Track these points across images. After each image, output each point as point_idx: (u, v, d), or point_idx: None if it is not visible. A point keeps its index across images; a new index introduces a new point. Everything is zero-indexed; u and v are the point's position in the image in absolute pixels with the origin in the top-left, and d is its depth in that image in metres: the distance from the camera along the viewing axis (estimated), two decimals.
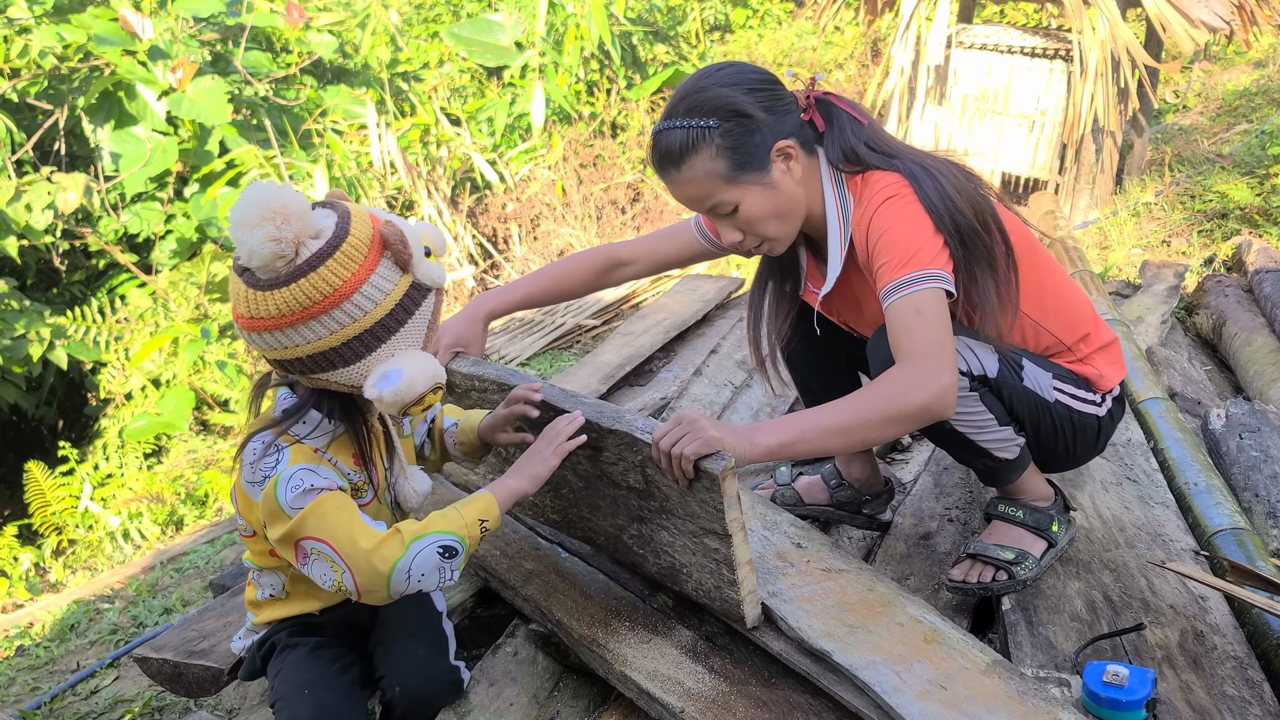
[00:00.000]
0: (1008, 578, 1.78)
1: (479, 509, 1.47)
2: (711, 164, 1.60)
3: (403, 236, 1.35)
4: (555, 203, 8.31)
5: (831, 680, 1.46)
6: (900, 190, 1.61)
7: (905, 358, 1.50)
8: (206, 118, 7.37)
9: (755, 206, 1.64)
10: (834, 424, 1.47)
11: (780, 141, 1.62)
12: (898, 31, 6.48)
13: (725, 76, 1.61)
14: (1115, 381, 1.84)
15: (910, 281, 1.53)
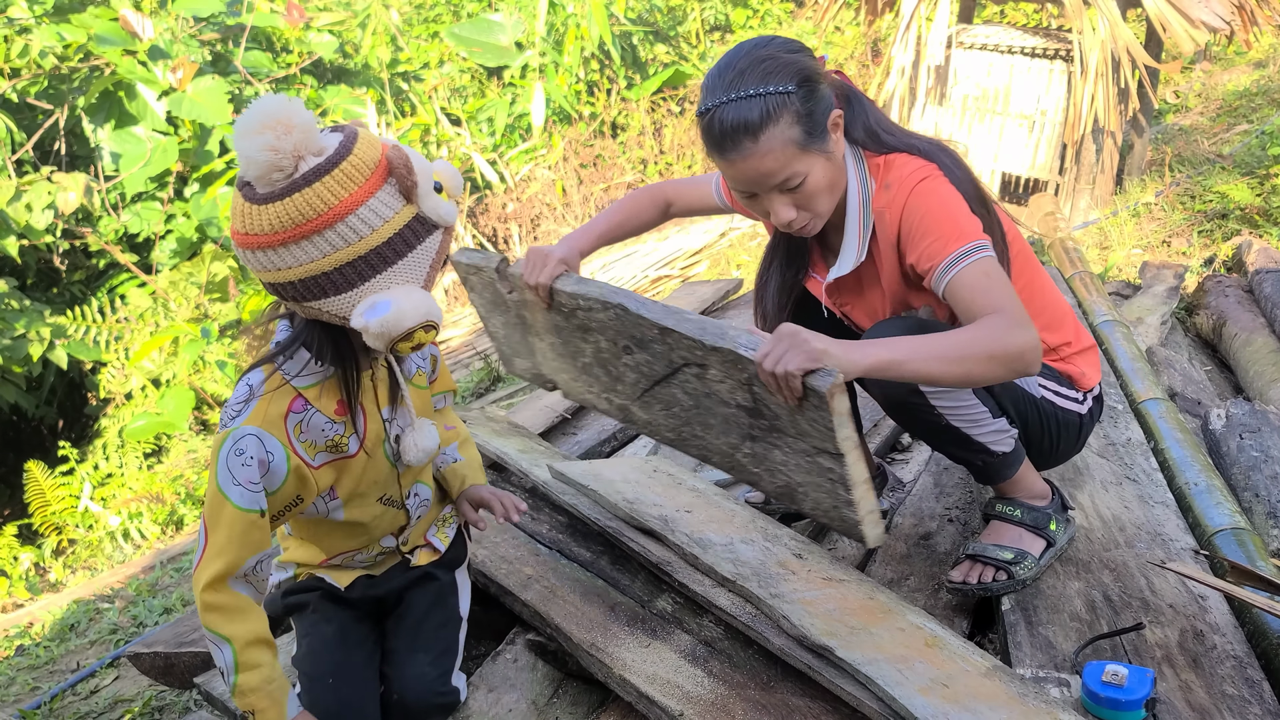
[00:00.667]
0: (1007, 578, 1.78)
1: (253, 703, 1.37)
2: (790, 131, 1.54)
3: (409, 163, 1.30)
4: (555, 203, 8.31)
5: (833, 674, 1.46)
6: (931, 171, 1.61)
7: (989, 310, 1.48)
8: (207, 117, 7.38)
9: (820, 177, 1.61)
10: (943, 351, 1.43)
11: (834, 111, 1.60)
12: (898, 32, 6.48)
13: (781, 45, 1.58)
14: (1095, 381, 1.87)
15: (968, 252, 1.53)
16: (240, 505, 1.32)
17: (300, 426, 1.40)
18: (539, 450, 2.34)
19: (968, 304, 1.51)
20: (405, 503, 1.62)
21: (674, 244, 6.70)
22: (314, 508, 1.49)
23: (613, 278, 6.10)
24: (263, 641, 1.37)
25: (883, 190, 1.64)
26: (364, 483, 1.51)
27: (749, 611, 1.62)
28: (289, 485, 1.40)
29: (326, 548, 1.62)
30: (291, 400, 1.39)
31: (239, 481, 1.32)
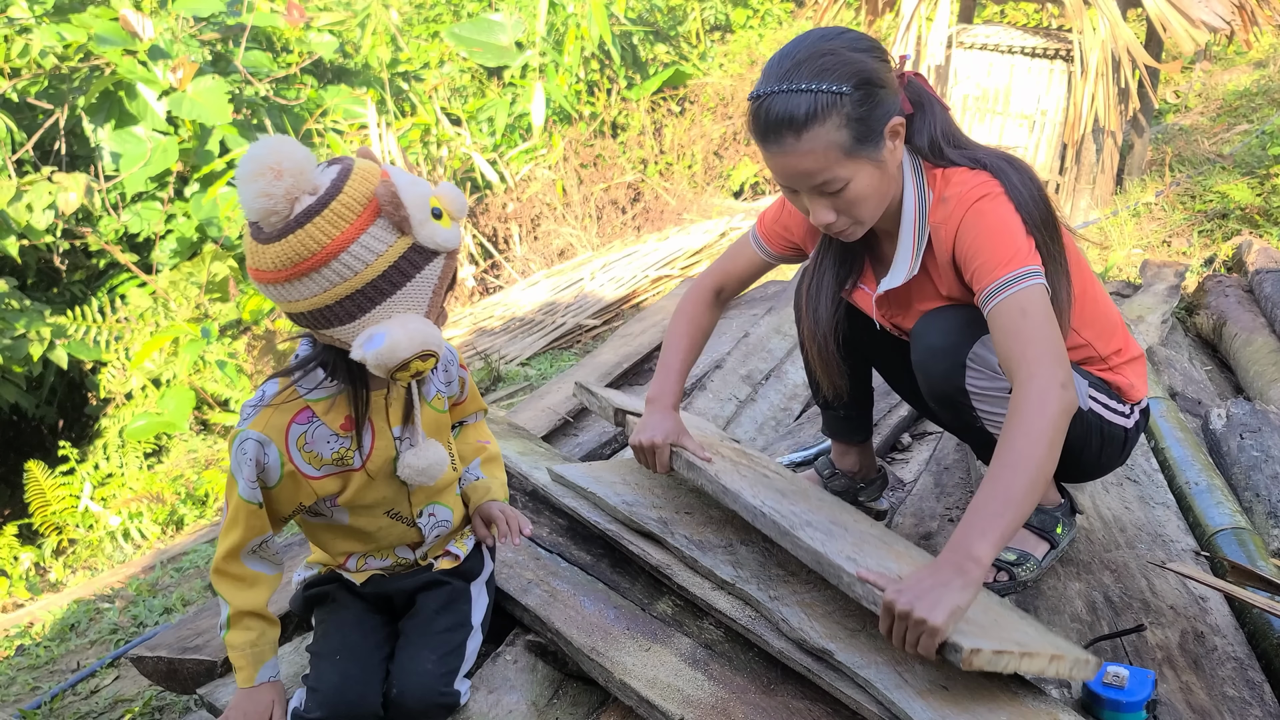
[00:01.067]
0: (1008, 578, 1.78)
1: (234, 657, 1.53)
2: (836, 134, 1.48)
3: (396, 199, 1.33)
4: (555, 203, 8.31)
5: (833, 677, 1.46)
6: (992, 188, 1.56)
7: (1017, 369, 1.45)
8: (207, 117, 7.38)
9: (864, 185, 1.55)
10: (1021, 485, 1.37)
11: (895, 118, 1.54)
12: (898, 31, 6.48)
13: (849, 41, 1.51)
14: (1143, 394, 1.81)
15: (1012, 281, 1.49)
16: (243, 496, 1.47)
17: (304, 437, 1.47)
18: (539, 452, 2.34)
19: (1001, 343, 1.49)
20: (417, 521, 1.64)
21: (674, 244, 6.70)
22: (320, 511, 1.56)
23: (613, 277, 6.10)
24: (257, 613, 1.52)
25: (940, 204, 1.60)
26: (367, 496, 1.55)
27: (749, 614, 1.62)
28: (283, 488, 1.49)
29: (335, 550, 1.65)
30: (298, 412, 1.46)
31: (243, 476, 1.46)
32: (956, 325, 1.64)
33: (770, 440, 2.71)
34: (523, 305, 6.14)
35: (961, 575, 1.31)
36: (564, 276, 6.62)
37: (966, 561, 1.32)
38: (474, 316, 6.34)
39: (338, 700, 1.52)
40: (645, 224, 8.25)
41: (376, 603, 1.69)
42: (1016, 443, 1.38)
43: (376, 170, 1.36)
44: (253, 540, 1.50)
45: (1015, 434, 1.39)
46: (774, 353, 3.21)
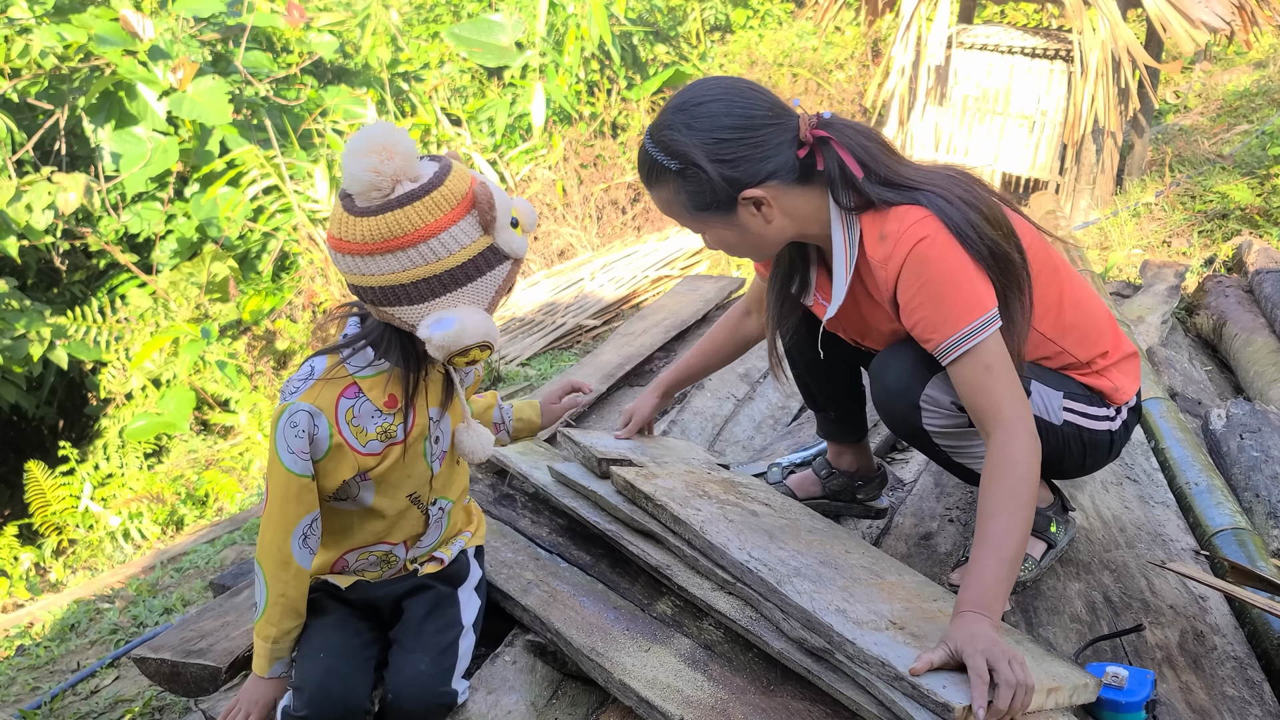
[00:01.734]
0: None
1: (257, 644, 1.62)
2: (675, 197, 1.60)
3: (491, 200, 1.44)
4: (556, 203, 8.31)
5: (833, 678, 1.46)
6: (930, 230, 1.53)
7: (991, 427, 1.51)
8: (207, 118, 7.38)
9: (720, 239, 1.65)
10: (1011, 545, 1.44)
11: (749, 190, 1.56)
12: (898, 32, 6.48)
13: (699, 117, 1.55)
14: (1131, 394, 1.80)
15: (970, 334, 1.51)
16: (293, 470, 1.51)
17: (352, 411, 1.54)
18: (539, 452, 2.33)
19: (967, 397, 1.54)
20: (428, 508, 1.68)
21: (674, 244, 6.70)
22: (348, 492, 1.60)
23: (613, 277, 6.10)
24: (293, 606, 1.58)
25: (879, 241, 1.58)
26: (399, 473, 1.61)
27: (749, 615, 1.62)
28: (329, 460, 1.54)
29: (341, 544, 1.66)
30: (345, 387, 1.53)
31: (292, 450, 1.50)
32: (908, 366, 1.66)
33: (769, 440, 2.71)
34: (523, 305, 6.14)
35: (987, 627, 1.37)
36: (564, 277, 6.62)
37: (979, 627, 1.36)
38: None
39: (323, 696, 1.53)
40: (645, 224, 8.25)
41: (362, 609, 1.71)
42: (1003, 507, 1.45)
43: (469, 172, 1.48)
44: (304, 519, 1.54)
45: (1001, 498, 1.46)
46: None
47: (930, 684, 1.32)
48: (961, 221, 1.54)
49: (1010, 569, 1.42)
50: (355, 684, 1.57)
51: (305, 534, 1.55)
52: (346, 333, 1.57)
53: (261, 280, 7.75)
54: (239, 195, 7.50)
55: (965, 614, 1.38)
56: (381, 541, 1.68)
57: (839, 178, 1.59)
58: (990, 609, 1.39)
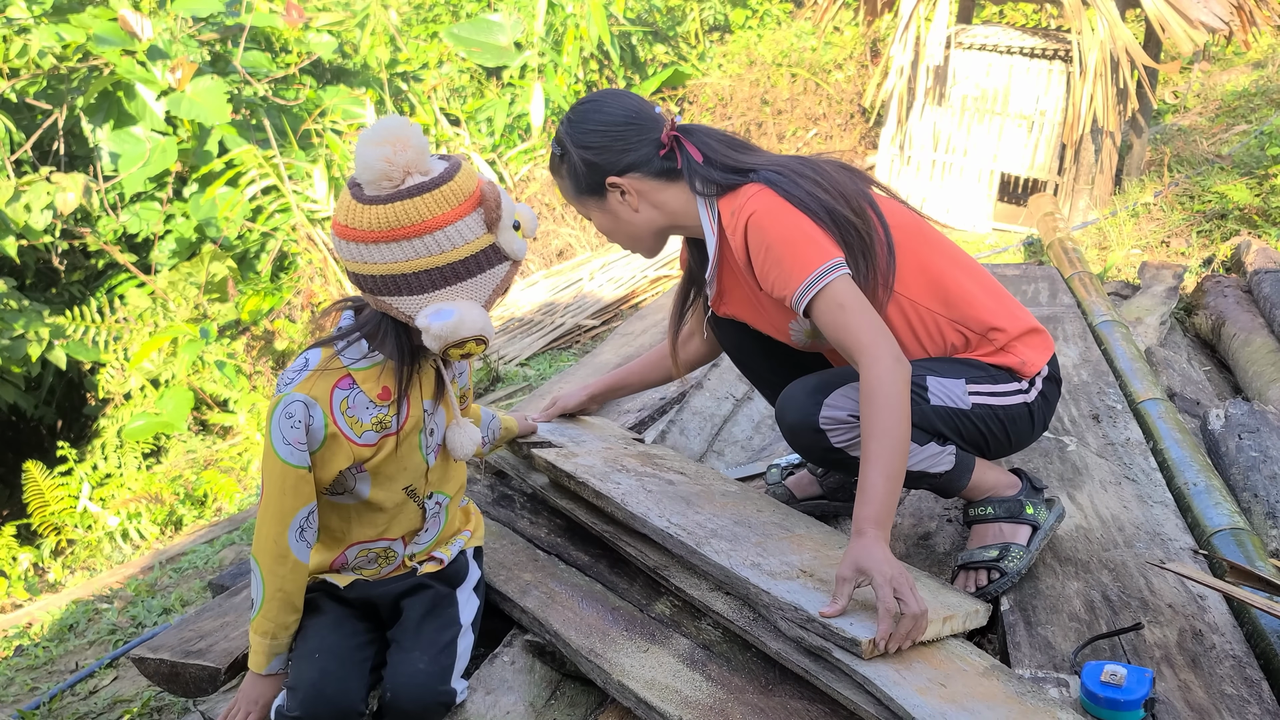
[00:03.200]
0: (999, 575, 1.77)
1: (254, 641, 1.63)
2: (563, 181, 1.87)
3: (499, 199, 1.50)
4: (554, 203, 8.31)
5: (831, 678, 1.46)
6: (763, 199, 1.71)
7: (857, 357, 1.61)
8: (206, 118, 7.37)
9: (600, 224, 1.88)
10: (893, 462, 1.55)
11: (612, 177, 1.80)
12: (897, 32, 6.49)
13: (581, 115, 1.82)
14: (1041, 364, 1.84)
15: (816, 280, 1.63)
16: (289, 462, 1.52)
17: (346, 402, 1.56)
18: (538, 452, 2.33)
19: (833, 340, 1.64)
20: (424, 502, 1.69)
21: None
22: (344, 484, 1.61)
23: (612, 277, 6.10)
24: (289, 601, 1.59)
25: (730, 216, 1.76)
26: (395, 465, 1.62)
27: (747, 615, 1.62)
28: (325, 451, 1.55)
29: (339, 539, 1.67)
30: (340, 378, 1.56)
31: (288, 441, 1.51)
32: (799, 397, 1.74)
33: (768, 440, 2.71)
34: (521, 305, 6.14)
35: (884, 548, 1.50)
36: (563, 277, 6.62)
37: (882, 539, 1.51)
38: None
39: (316, 697, 1.53)
40: None
41: (361, 609, 1.71)
42: (878, 427, 1.56)
43: (477, 173, 1.52)
44: (301, 511, 1.55)
45: (879, 418, 1.56)
46: None
47: (839, 623, 1.46)
48: (795, 190, 1.71)
49: (894, 484, 1.55)
50: (350, 685, 1.56)
51: (302, 526, 1.56)
52: (341, 325, 1.59)
53: (260, 280, 7.74)
54: (238, 195, 7.50)
55: (865, 533, 1.51)
56: (380, 537, 1.68)
57: (692, 169, 1.80)
58: (883, 524, 1.52)
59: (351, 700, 1.55)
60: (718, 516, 1.85)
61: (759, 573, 1.62)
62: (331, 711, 1.53)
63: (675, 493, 1.94)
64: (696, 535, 1.74)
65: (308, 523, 1.57)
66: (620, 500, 1.85)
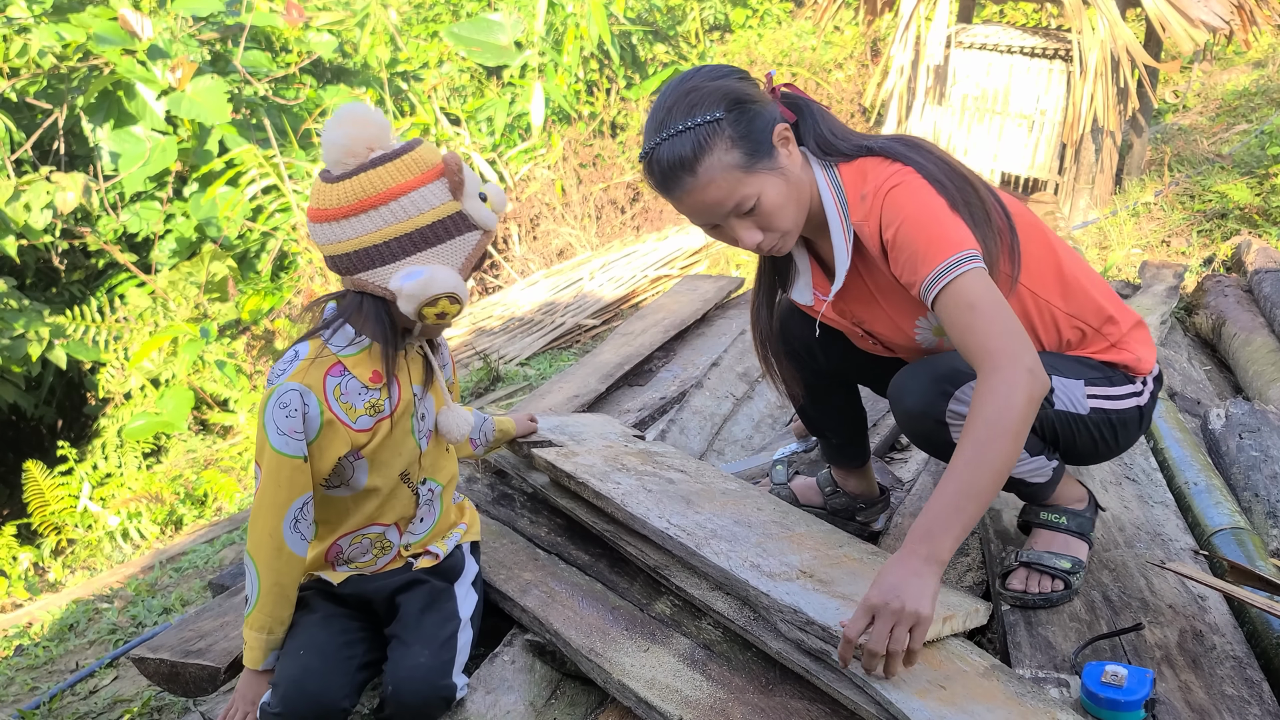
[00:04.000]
0: (1064, 587, 1.72)
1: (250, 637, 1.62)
2: (728, 156, 1.51)
3: (460, 166, 1.52)
4: (555, 202, 8.31)
5: (830, 678, 1.46)
6: (903, 176, 1.54)
7: (981, 362, 1.43)
8: (206, 117, 7.37)
9: (775, 194, 1.55)
10: (979, 480, 1.38)
11: (778, 125, 1.56)
12: (897, 31, 6.48)
13: (706, 74, 1.56)
14: (1152, 362, 1.73)
15: (947, 269, 1.45)
16: (285, 452, 1.53)
17: (339, 389, 1.57)
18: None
19: (956, 339, 1.47)
20: (418, 488, 1.70)
21: (674, 244, 6.70)
22: (343, 472, 1.61)
23: (612, 277, 6.10)
24: (283, 595, 1.59)
25: (859, 202, 1.59)
26: (390, 450, 1.63)
27: (747, 615, 1.62)
28: (323, 438, 1.56)
29: (335, 529, 1.67)
30: (331, 366, 1.57)
31: (283, 431, 1.52)
32: (926, 385, 1.61)
33: (768, 439, 2.71)
34: (522, 305, 6.14)
35: (930, 565, 1.36)
36: (563, 276, 6.62)
37: (932, 555, 1.36)
38: (473, 316, 6.34)
39: (297, 693, 1.53)
40: (644, 224, 8.25)
41: (355, 606, 1.71)
42: (980, 435, 1.38)
43: (438, 150, 1.56)
44: (296, 502, 1.55)
45: (979, 427, 1.39)
46: None
47: (838, 627, 1.43)
48: (930, 164, 1.56)
49: (965, 501, 1.37)
50: (332, 682, 1.56)
51: (297, 518, 1.56)
52: (325, 317, 1.61)
53: (260, 280, 7.74)
54: (238, 195, 7.50)
55: (914, 554, 1.36)
56: (374, 523, 1.68)
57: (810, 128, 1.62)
58: (932, 539, 1.36)
59: (333, 696, 1.55)
60: (718, 516, 1.84)
61: (758, 574, 1.61)
62: (312, 707, 1.53)
63: (675, 492, 1.94)
64: (696, 536, 1.73)
65: (302, 514, 1.57)
66: (620, 501, 1.85)
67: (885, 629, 1.33)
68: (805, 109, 1.64)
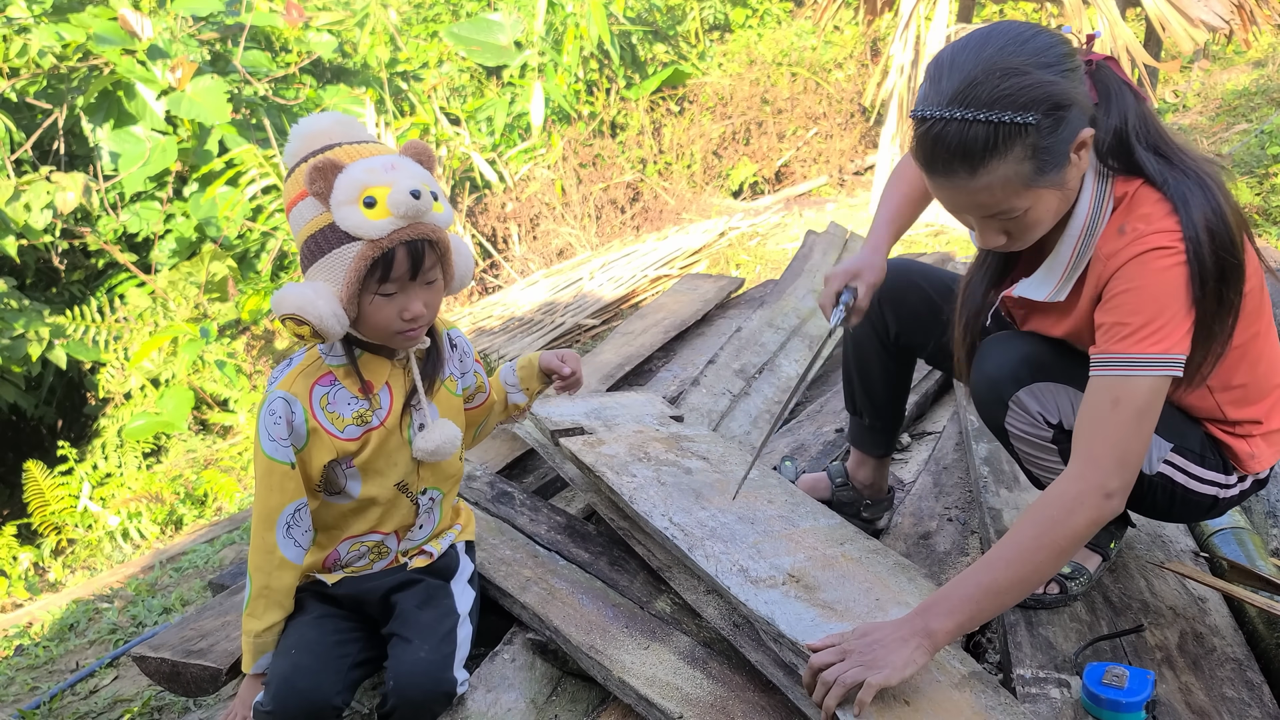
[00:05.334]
0: (1059, 591, 1.71)
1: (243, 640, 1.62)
2: (1017, 167, 1.30)
3: (314, 173, 1.42)
4: (554, 202, 8.31)
5: (800, 694, 1.45)
6: (1171, 244, 1.33)
7: (1076, 452, 1.35)
8: (206, 117, 7.37)
9: (1044, 210, 1.38)
10: (1007, 581, 1.32)
11: (1085, 130, 1.33)
12: (897, 31, 6.48)
13: (1035, 52, 1.29)
14: (1266, 465, 1.59)
15: (1129, 361, 1.33)
16: (273, 457, 1.53)
17: (327, 398, 1.57)
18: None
19: (1081, 418, 1.37)
20: (417, 497, 1.69)
21: (673, 243, 6.70)
22: (335, 481, 1.61)
23: (612, 277, 6.10)
24: (277, 601, 1.59)
25: (1115, 234, 1.38)
26: (381, 460, 1.62)
27: (731, 623, 1.62)
28: (310, 448, 1.56)
29: (333, 537, 1.67)
30: (321, 376, 1.57)
31: (273, 437, 1.53)
32: (1011, 361, 1.55)
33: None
34: (522, 305, 6.14)
35: (922, 640, 1.33)
36: (563, 276, 6.62)
37: (929, 632, 1.33)
38: (473, 316, 6.34)
39: (288, 691, 1.53)
40: (644, 224, 8.25)
41: (350, 607, 1.70)
42: (1028, 541, 1.33)
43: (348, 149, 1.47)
44: (288, 507, 1.55)
45: (1028, 528, 1.34)
46: (767, 346, 3.21)
47: (807, 641, 1.43)
48: (1205, 243, 1.33)
49: (986, 598, 1.33)
50: (323, 680, 1.55)
51: (289, 523, 1.56)
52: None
53: (260, 280, 7.74)
54: (238, 195, 7.50)
55: (910, 614, 1.36)
56: (373, 530, 1.68)
57: (1112, 119, 1.37)
58: (936, 616, 1.33)
59: (324, 694, 1.54)
60: (724, 512, 1.84)
61: (743, 580, 1.61)
62: (302, 705, 1.52)
63: (689, 484, 1.94)
64: (693, 537, 1.73)
65: (295, 519, 1.57)
66: (629, 497, 1.85)
67: (845, 673, 1.32)
68: (1114, 98, 1.39)
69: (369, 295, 1.47)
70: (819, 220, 6.71)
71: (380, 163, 1.44)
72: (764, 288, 4.33)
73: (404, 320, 1.50)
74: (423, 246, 1.48)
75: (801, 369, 3.14)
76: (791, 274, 3.75)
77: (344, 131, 1.49)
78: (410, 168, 1.46)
